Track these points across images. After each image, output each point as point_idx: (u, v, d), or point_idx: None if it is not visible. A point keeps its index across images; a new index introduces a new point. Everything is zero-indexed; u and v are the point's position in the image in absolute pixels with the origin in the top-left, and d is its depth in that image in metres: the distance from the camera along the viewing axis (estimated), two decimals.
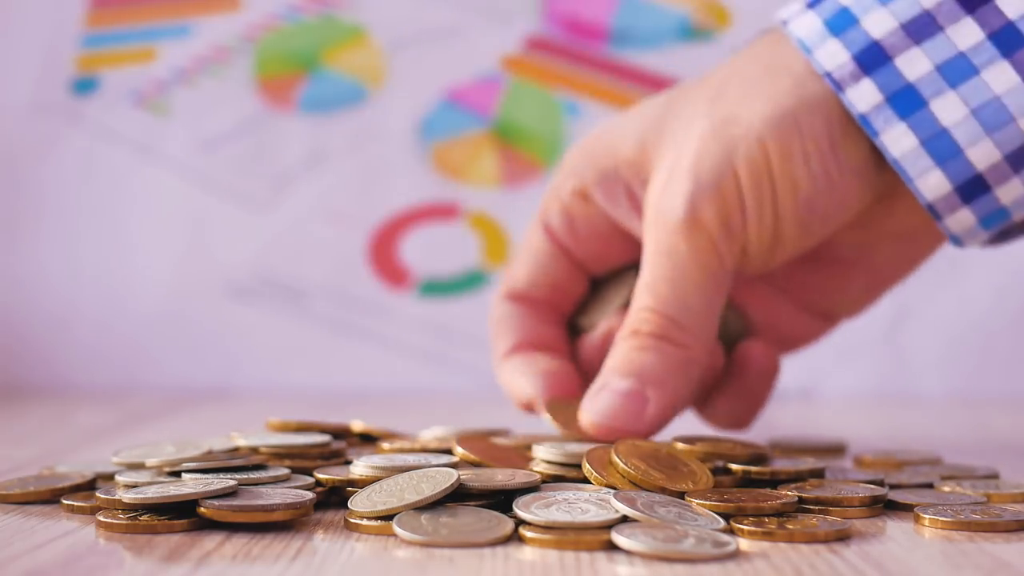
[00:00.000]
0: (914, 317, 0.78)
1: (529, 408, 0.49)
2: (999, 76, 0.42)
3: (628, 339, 0.45)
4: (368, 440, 0.47)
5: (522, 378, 0.48)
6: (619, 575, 0.32)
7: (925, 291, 0.77)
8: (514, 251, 0.77)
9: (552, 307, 0.50)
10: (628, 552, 0.34)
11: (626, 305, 0.49)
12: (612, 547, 0.34)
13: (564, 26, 0.78)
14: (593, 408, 0.44)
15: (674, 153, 0.46)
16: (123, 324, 0.78)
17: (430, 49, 0.79)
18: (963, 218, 0.44)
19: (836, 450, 0.52)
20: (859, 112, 0.44)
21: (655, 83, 0.77)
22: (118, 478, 0.40)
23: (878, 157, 0.45)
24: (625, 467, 0.39)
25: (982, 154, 0.43)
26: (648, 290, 0.45)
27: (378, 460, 0.40)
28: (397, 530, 0.35)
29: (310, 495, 0.37)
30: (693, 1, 0.77)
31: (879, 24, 0.43)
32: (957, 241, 0.45)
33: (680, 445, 0.42)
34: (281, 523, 0.37)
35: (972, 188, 0.43)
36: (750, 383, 0.50)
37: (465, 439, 0.43)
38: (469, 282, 0.78)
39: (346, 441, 0.46)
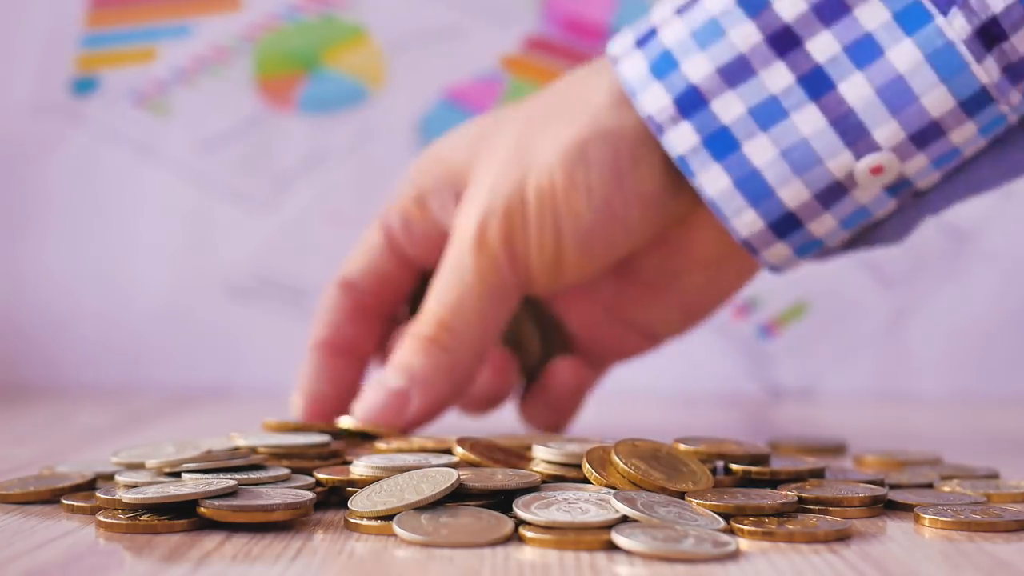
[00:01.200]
0: (914, 317, 0.78)
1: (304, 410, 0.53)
2: (807, 118, 0.44)
3: (408, 339, 0.49)
4: (366, 438, 0.47)
5: (303, 387, 0.53)
6: (619, 575, 0.32)
7: (925, 291, 0.77)
8: None
9: (377, 299, 0.53)
10: (628, 552, 0.34)
11: None
12: (612, 547, 0.34)
13: (564, 26, 0.78)
14: (363, 402, 0.48)
15: (484, 171, 0.49)
16: (124, 323, 0.78)
17: (430, 49, 0.79)
18: (778, 251, 0.46)
19: (836, 450, 0.52)
20: (677, 154, 0.45)
21: None
22: (118, 478, 0.40)
23: (671, 183, 0.47)
24: (625, 467, 0.39)
25: (792, 193, 0.45)
26: (433, 295, 0.49)
27: (378, 460, 0.40)
28: (397, 530, 0.35)
29: (310, 495, 0.37)
30: None
31: (697, 68, 0.45)
32: (775, 269, 0.48)
33: (681, 446, 0.42)
34: (281, 523, 0.37)
35: (785, 224, 0.45)
36: (557, 396, 0.54)
37: (465, 439, 0.43)
38: None
39: (345, 441, 0.46)
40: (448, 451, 0.42)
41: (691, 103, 0.45)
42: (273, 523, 0.37)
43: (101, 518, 0.37)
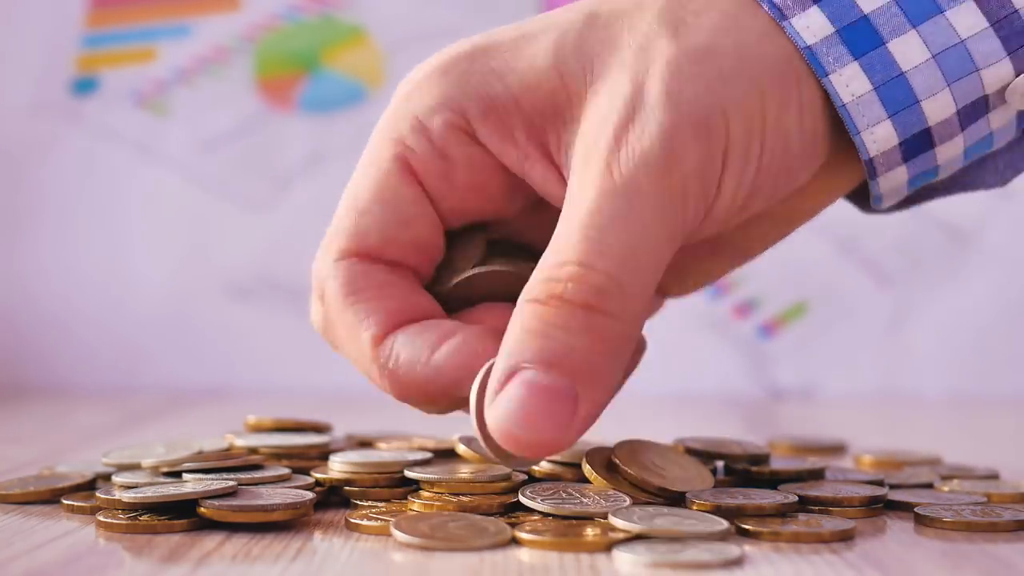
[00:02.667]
0: (914, 317, 0.78)
1: (447, 400, 0.37)
2: (965, 18, 0.36)
3: (545, 308, 0.34)
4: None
5: (428, 354, 0.37)
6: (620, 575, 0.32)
7: (925, 291, 0.77)
8: None
9: (407, 271, 0.39)
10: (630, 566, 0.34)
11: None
12: (612, 548, 0.34)
13: None
14: (501, 410, 0.33)
15: (627, 80, 0.36)
16: (123, 324, 0.78)
17: (430, 49, 0.78)
18: (896, 176, 0.38)
19: (836, 450, 0.52)
20: (805, 44, 0.36)
21: None
22: (116, 478, 0.40)
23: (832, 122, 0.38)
24: (625, 468, 0.39)
25: (938, 107, 0.37)
26: (585, 237, 0.34)
27: (355, 456, 0.40)
28: (395, 533, 0.35)
29: (310, 495, 0.37)
30: None
31: None
32: (878, 201, 0.39)
33: (681, 447, 0.42)
34: (281, 523, 0.37)
35: (918, 144, 0.37)
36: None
37: (468, 439, 0.42)
38: None
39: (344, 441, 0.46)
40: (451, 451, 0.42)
41: None
42: (273, 523, 0.37)
43: (101, 518, 0.37)
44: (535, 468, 0.40)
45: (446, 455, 0.43)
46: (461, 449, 0.41)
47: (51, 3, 0.78)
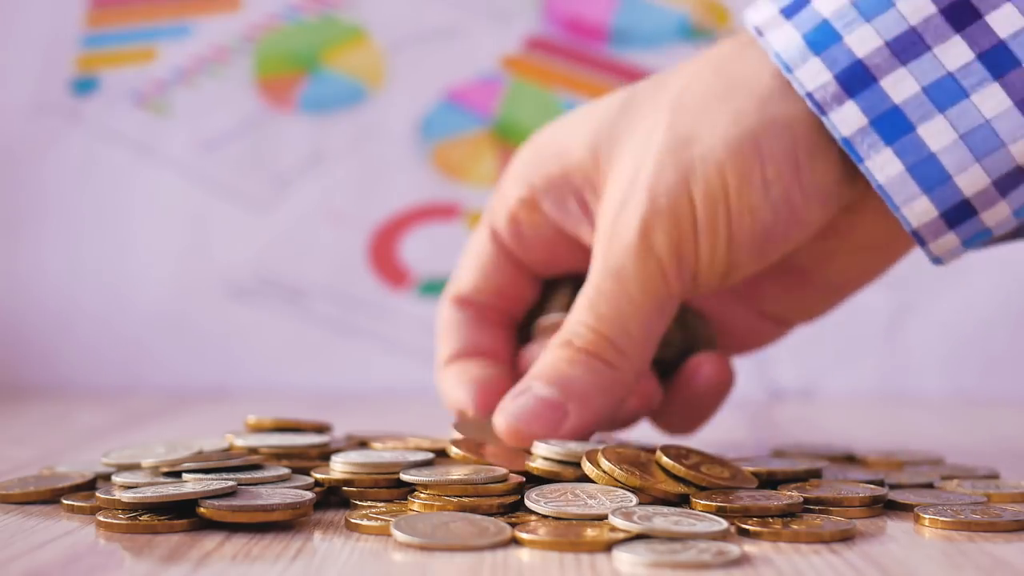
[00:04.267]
0: (915, 317, 0.78)
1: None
2: (989, 99, 0.40)
3: (559, 348, 0.44)
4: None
5: (457, 387, 0.48)
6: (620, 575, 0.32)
7: (926, 290, 0.77)
8: None
9: (498, 312, 0.50)
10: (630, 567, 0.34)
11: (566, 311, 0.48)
12: (612, 548, 0.34)
13: (564, 26, 0.78)
14: (510, 409, 0.43)
15: (631, 166, 0.44)
16: (123, 324, 0.78)
17: (430, 49, 0.79)
18: (947, 241, 0.43)
19: (844, 460, 0.51)
20: (842, 136, 0.41)
21: None
22: (116, 478, 0.40)
23: (845, 173, 0.43)
24: (622, 473, 0.38)
25: (970, 180, 0.41)
26: (589, 306, 0.44)
27: (355, 456, 0.40)
28: (395, 532, 0.35)
29: (309, 495, 0.37)
30: (693, 1, 0.77)
31: (863, 42, 0.41)
32: (938, 261, 0.44)
33: (665, 459, 0.41)
34: (281, 523, 0.37)
35: (958, 214, 0.42)
36: (700, 394, 0.48)
37: (459, 441, 0.42)
38: None
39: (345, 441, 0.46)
40: (442, 451, 0.42)
41: (857, 80, 0.41)
42: (273, 523, 0.37)
43: (101, 518, 0.37)
44: (535, 467, 0.40)
45: (441, 455, 0.43)
46: (453, 452, 0.41)
47: (51, 3, 0.78)
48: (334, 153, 0.78)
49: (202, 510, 0.36)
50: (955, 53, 0.40)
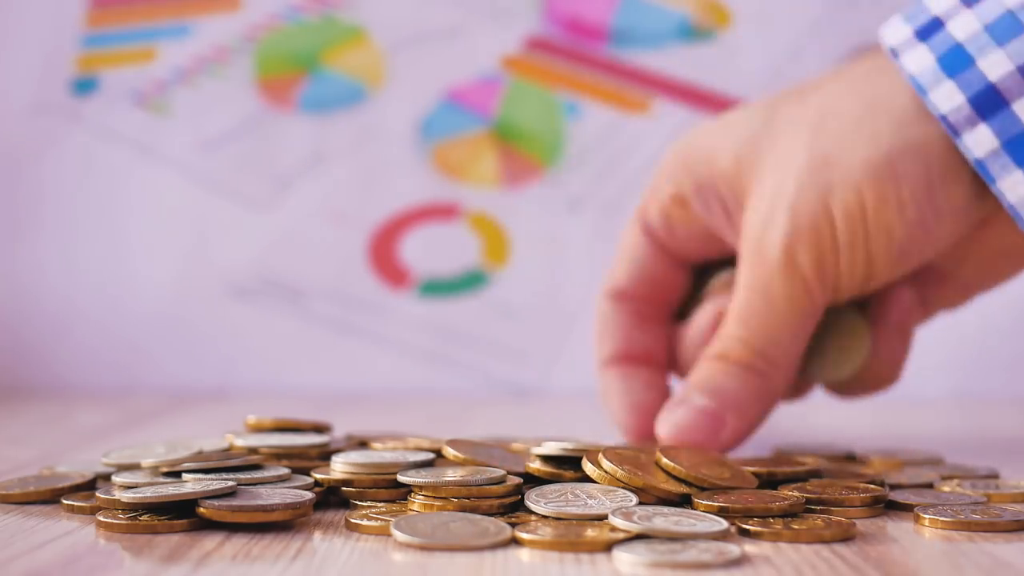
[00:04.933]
0: None
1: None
2: None
3: (714, 361, 0.46)
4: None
5: (616, 402, 0.51)
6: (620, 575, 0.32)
7: None
8: (515, 251, 0.77)
9: (655, 305, 0.52)
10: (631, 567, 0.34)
11: (723, 288, 0.51)
12: (612, 548, 0.34)
13: (564, 26, 0.78)
14: (671, 420, 0.46)
15: (773, 183, 0.46)
16: (123, 324, 0.78)
17: (430, 49, 0.79)
18: None
19: (846, 460, 0.51)
20: (976, 158, 0.43)
21: (655, 83, 0.77)
22: (116, 478, 0.40)
23: (976, 192, 0.45)
24: (624, 473, 0.38)
25: None
26: (739, 320, 0.46)
27: (356, 457, 0.40)
28: (395, 533, 0.35)
29: (309, 495, 0.37)
30: (693, 1, 0.77)
31: (996, 67, 0.43)
32: None
33: (665, 459, 0.41)
34: (281, 523, 0.37)
35: None
36: (892, 331, 0.50)
37: (455, 442, 0.42)
38: (469, 282, 0.78)
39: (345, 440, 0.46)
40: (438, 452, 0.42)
41: (990, 103, 0.43)
42: (273, 523, 0.37)
43: (101, 518, 0.37)
44: (534, 467, 0.40)
45: (439, 455, 0.43)
46: (450, 453, 0.41)
47: (51, 3, 0.78)
48: (334, 153, 0.78)
49: (201, 510, 0.36)
50: None
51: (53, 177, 0.78)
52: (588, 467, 0.39)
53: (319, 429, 0.45)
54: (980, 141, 0.43)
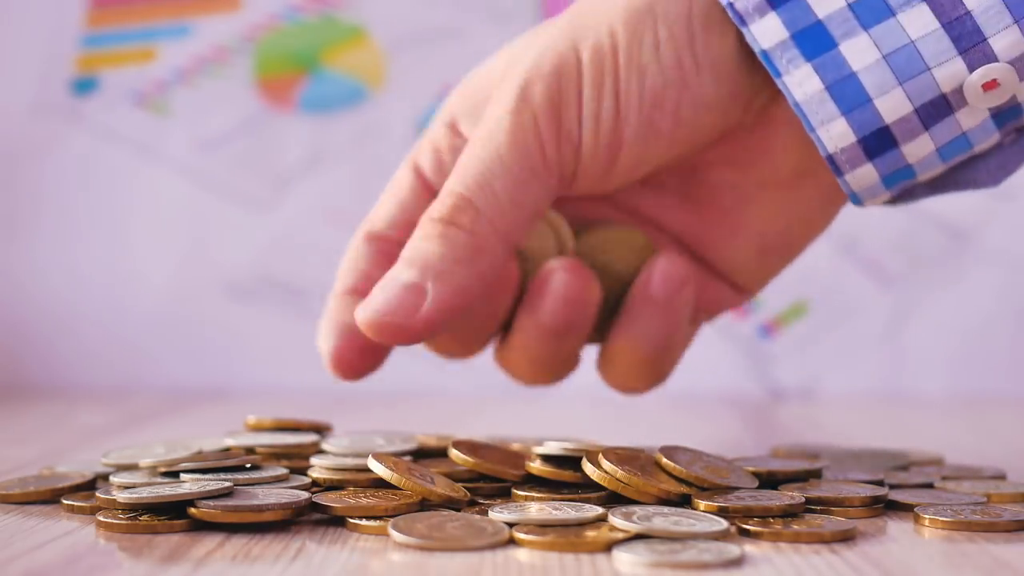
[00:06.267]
0: (915, 317, 0.78)
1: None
2: (915, 19, 0.38)
3: (421, 224, 0.41)
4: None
5: (325, 324, 0.45)
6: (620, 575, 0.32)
7: (926, 290, 0.77)
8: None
9: None
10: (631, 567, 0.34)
11: None
12: (612, 548, 0.34)
13: None
14: (368, 303, 0.41)
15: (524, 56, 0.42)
16: (123, 324, 0.78)
17: (430, 49, 0.79)
18: (865, 174, 0.40)
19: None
20: (761, 48, 0.39)
21: None
22: (114, 478, 0.40)
23: (746, 61, 0.41)
24: (624, 473, 0.38)
25: (892, 104, 0.39)
26: (456, 170, 0.41)
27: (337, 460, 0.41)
28: (393, 533, 0.35)
29: (304, 495, 0.37)
30: None
31: None
32: (856, 200, 0.42)
33: (665, 460, 0.41)
34: (280, 524, 0.37)
35: (878, 141, 0.39)
36: (658, 301, 0.44)
37: (460, 442, 0.42)
38: None
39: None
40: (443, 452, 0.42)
41: None
42: (271, 523, 0.37)
43: (101, 518, 0.37)
44: (535, 467, 0.40)
45: (440, 455, 0.43)
46: (454, 454, 0.41)
47: (51, 3, 0.78)
48: (334, 153, 0.78)
49: (193, 510, 0.36)
50: None
51: (53, 177, 0.79)
52: (588, 467, 0.39)
53: (319, 429, 0.45)
54: (768, 31, 0.39)
